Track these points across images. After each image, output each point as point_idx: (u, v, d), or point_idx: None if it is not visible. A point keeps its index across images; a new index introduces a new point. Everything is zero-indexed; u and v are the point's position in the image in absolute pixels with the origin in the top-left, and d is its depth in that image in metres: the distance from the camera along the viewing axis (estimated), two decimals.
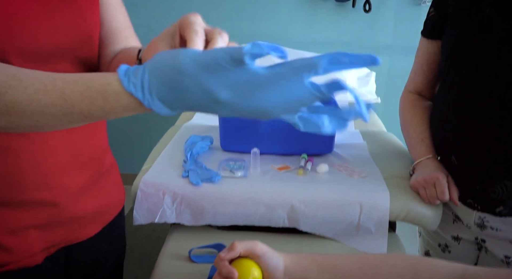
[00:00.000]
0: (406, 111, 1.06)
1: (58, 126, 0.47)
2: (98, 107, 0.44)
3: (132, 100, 0.44)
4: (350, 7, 2.06)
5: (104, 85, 0.44)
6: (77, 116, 0.45)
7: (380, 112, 1.95)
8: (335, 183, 0.96)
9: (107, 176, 0.81)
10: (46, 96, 0.44)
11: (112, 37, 0.74)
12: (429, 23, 0.99)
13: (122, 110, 0.45)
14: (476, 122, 0.87)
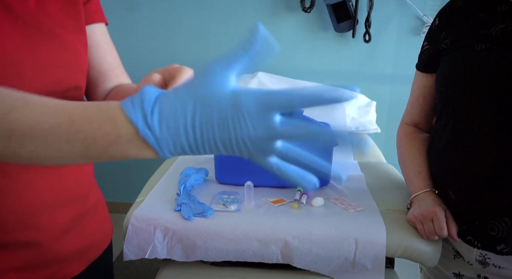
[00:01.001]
0: (403, 143, 1.04)
1: (54, 159, 0.43)
2: (104, 133, 0.40)
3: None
4: (350, 38, 2.08)
5: (116, 109, 0.40)
6: (78, 146, 0.41)
7: (381, 142, 1.94)
8: (330, 217, 0.93)
9: (93, 212, 0.79)
10: (52, 117, 0.41)
11: (103, 77, 0.75)
12: (423, 57, 0.99)
13: (126, 140, 0.40)
14: (473, 158, 0.85)
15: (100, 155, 0.42)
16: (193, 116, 0.38)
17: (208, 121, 0.38)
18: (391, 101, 2.18)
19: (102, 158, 0.42)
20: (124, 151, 0.41)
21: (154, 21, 2.17)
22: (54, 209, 0.68)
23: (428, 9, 2.02)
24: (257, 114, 0.38)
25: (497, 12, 0.86)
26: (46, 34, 0.64)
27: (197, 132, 0.39)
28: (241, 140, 0.39)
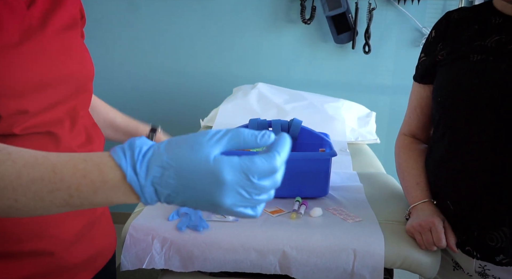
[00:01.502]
0: (401, 154, 1.05)
1: (32, 210, 0.43)
2: (89, 180, 0.42)
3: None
4: (349, 49, 2.09)
5: (103, 157, 0.42)
6: (61, 195, 0.42)
7: (381, 153, 1.94)
8: (329, 228, 0.93)
9: (100, 221, 0.80)
10: (35, 170, 0.42)
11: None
12: (420, 68, 1.00)
13: (112, 186, 0.42)
14: (471, 168, 0.85)
15: (82, 203, 0.43)
16: (174, 180, 0.41)
17: (186, 186, 0.41)
18: (391, 112, 2.19)
19: (84, 205, 0.43)
20: (108, 197, 0.43)
21: (155, 32, 2.19)
22: (67, 218, 0.69)
23: (427, 21, 2.03)
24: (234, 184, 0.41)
25: (491, 24, 0.87)
26: (58, 42, 0.67)
27: (176, 196, 0.42)
28: (216, 206, 0.42)
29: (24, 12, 0.63)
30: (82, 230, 0.73)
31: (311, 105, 1.82)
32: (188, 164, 0.41)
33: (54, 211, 0.44)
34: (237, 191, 0.41)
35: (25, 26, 0.62)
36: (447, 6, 2.02)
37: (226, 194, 0.41)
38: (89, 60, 0.75)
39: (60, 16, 0.69)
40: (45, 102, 0.64)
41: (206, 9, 2.14)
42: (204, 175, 0.41)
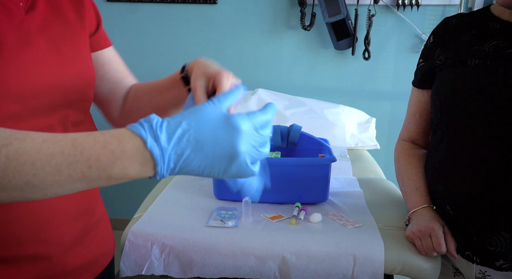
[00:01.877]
0: (401, 159, 1.05)
1: (49, 187, 0.44)
2: (108, 150, 0.43)
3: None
4: (349, 55, 2.10)
5: (121, 130, 0.45)
6: (80, 167, 0.43)
7: (381, 159, 1.93)
8: (328, 234, 0.93)
9: (98, 226, 0.80)
10: (55, 144, 0.43)
11: (118, 86, 0.82)
12: (419, 73, 1.01)
13: (130, 154, 0.44)
14: (469, 173, 0.85)
15: (100, 175, 0.44)
16: (194, 138, 0.45)
17: (205, 142, 0.45)
18: (391, 118, 2.19)
19: (101, 179, 0.44)
20: (126, 167, 0.44)
21: (156, 39, 2.20)
22: (65, 222, 0.69)
23: (426, 27, 2.04)
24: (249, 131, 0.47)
25: (489, 29, 0.87)
26: (57, 48, 0.66)
27: (195, 157, 0.45)
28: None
29: (22, 17, 0.63)
30: (80, 234, 0.73)
31: (311, 111, 1.82)
32: (206, 121, 0.46)
33: (69, 188, 0.45)
34: (250, 138, 0.47)
35: (22, 31, 0.62)
36: (446, 12, 2.03)
37: (242, 140, 0.46)
38: (89, 68, 0.74)
39: (60, 24, 0.69)
40: (37, 109, 0.64)
41: (207, 15, 2.15)
42: (222, 127, 0.46)
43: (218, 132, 0.45)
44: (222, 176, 0.48)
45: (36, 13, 0.65)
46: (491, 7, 0.92)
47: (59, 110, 0.68)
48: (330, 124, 1.77)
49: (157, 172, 0.45)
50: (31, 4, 0.65)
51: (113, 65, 0.83)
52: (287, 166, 1.05)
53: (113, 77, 0.82)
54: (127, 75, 0.85)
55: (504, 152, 0.81)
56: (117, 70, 0.83)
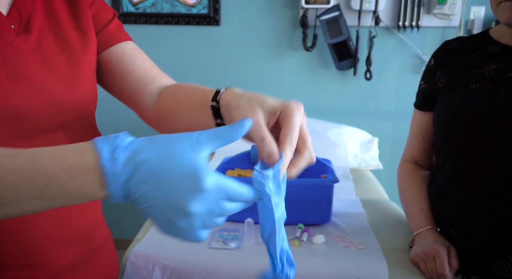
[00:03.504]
0: (404, 181, 1.05)
1: (5, 205, 0.42)
2: (66, 165, 0.41)
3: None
4: (351, 75, 2.12)
5: (86, 143, 0.42)
6: (38, 184, 0.41)
7: (384, 179, 1.93)
8: (331, 256, 0.92)
9: (99, 251, 0.76)
10: (14, 160, 0.41)
11: (140, 82, 0.74)
12: (420, 95, 1.01)
13: (86, 170, 0.41)
14: (473, 195, 0.85)
15: (58, 192, 0.42)
16: (149, 174, 0.41)
17: (160, 182, 0.41)
18: (393, 138, 2.19)
19: (59, 197, 0.42)
20: (83, 184, 0.41)
21: (161, 60, 2.23)
22: (59, 247, 0.66)
23: (426, 48, 2.06)
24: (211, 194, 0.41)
25: (489, 53, 0.89)
26: (53, 65, 0.64)
27: (146, 193, 0.41)
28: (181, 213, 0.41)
29: (12, 38, 0.60)
30: (76, 260, 0.69)
31: (313, 131, 1.83)
32: (169, 160, 0.41)
33: (28, 207, 0.43)
34: (210, 202, 0.41)
35: (10, 52, 0.59)
36: (446, 34, 2.06)
37: (198, 201, 0.40)
38: (87, 87, 0.69)
39: (57, 43, 0.66)
40: (26, 130, 0.61)
41: (211, 37, 2.18)
42: (184, 175, 0.40)
43: (179, 178, 0.40)
44: (169, 229, 0.43)
45: (30, 35, 0.62)
46: (490, 31, 0.93)
47: (51, 131, 0.64)
48: (333, 144, 1.77)
49: (110, 194, 0.41)
50: (25, 26, 0.62)
51: (128, 60, 0.74)
52: (289, 187, 1.03)
53: (131, 75, 0.74)
54: (155, 74, 0.76)
55: (508, 174, 0.81)
56: (135, 66, 0.74)
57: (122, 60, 0.73)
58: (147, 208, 0.42)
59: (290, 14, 2.12)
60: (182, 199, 0.40)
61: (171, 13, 2.15)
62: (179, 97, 0.68)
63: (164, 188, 0.41)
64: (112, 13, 0.76)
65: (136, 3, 2.15)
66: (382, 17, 2.02)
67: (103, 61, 0.74)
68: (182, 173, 0.40)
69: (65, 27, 0.68)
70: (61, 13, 0.68)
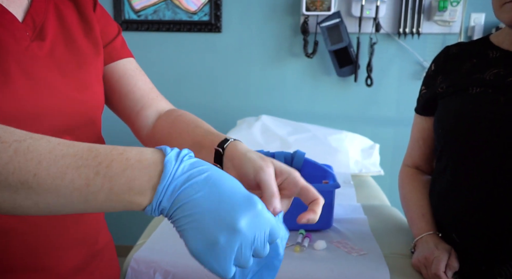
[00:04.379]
0: (405, 185, 1.05)
1: (44, 193, 0.40)
2: (124, 158, 0.41)
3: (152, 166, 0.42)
4: (352, 82, 2.13)
5: (143, 147, 0.43)
6: (85, 173, 0.40)
7: (386, 185, 1.93)
8: (333, 261, 0.92)
9: (101, 255, 0.77)
10: (70, 147, 0.41)
11: (139, 103, 0.76)
12: (421, 100, 1.02)
13: (145, 165, 0.41)
14: (475, 200, 0.85)
15: (102, 186, 0.41)
16: (207, 186, 0.42)
17: (216, 194, 0.42)
18: (394, 144, 2.19)
19: (100, 192, 0.41)
20: (134, 178, 0.41)
21: (162, 67, 2.24)
22: (63, 251, 0.67)
23: (427, 55, 2.07)
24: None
25: (489, 58, 0.89)
26: (62, 71, 0.66)
27: (199, 203, 0.42)
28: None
29: (27, 44, 0.62)
30: (80, 263, 0.70)
31: (315, 137, 1.83)
32: (229, 178, 0.43)
33: (63, 199, 0.41)
34: (255, 227, 0.42)
35: (26, 57, 0.61)
36: (446, 40, 2.07)
37: (248, 220, 0.41)
38: (95, 93, 0.71)
39: (68, 50, 0.68)
40: (37, 133, 0.62)
41: (212, 44, 2.20)
42: (241, 194, 0.42)
43: (236, 194, 0.42)
44: (204, 247, 0.41)
45: (43, 41, 0.65)
46: (491, 36, 0.94)
47: (60, 134, 0.65)
48: (334, 150, 1.77)
49: (156, 191, 0.41)
50: (39, 33, 0.65)
51: (129, 80, 0.76)
52: None
53: (130, 95, 0.76)
54: (153, 97, 0.77)
55: (508, 178, 0.81)
56: (136, 87, 0.76)
57: (123, 79, 0.76)
58: (191, 216, 0.41)
59: (291, 21, 2.13)
60: (234, 213, 0.41)
61: (172, 20, 2.16)
62: (178, 129, 0.69)
63: (218, 198, 0.41)
64: (117, 29, 0.79)
65: (138, 10, 2.17)
66: (382, 24, 2.03)
67: (105, 77, 0.76)
68: (240, 191, 0.42)
69: (76, 35, 0.70)
70: (72, 22, 0.71)
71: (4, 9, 0.61)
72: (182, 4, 2.14)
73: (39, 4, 0.66)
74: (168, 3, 2.15)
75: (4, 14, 0.61)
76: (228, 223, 0.41)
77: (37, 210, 0.42)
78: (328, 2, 1.97)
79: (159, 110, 0.76)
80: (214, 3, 2.12)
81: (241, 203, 0.41)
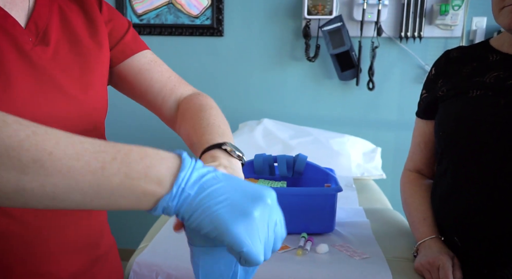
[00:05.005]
0: (407, 190, 1.05)
1: (58, 174, 0.39)
2: (142, 149, 0.43)
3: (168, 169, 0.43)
4: (354, 85, 2.13)
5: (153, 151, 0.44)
6: (102, 157, 0.40)
7: (388, 189, 1.92)
8: (335, 265, 0.92)
9: (104, 259, 0.76)
10: (88, 138, 0.42)
11: (160, 97, 0.76)
12: (422, 104, 1.02)
13: (161, 157, 0.43)
14: (476, 203, 0.85)
15: (118, 171, 0.40)
16: (224, 178, 0.46)
17: (232, 186, 0.46)
18: (396, 147, 2.19)
19: (115, 176, 0.41)
20: (152, 165, 0.42)
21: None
22: (64, 256, 0.66)
23: (429, 59, 2.07)
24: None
25: (489, 61, 0.89)
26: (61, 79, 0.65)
27: (214, 192, 0.44)
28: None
29: (29, 49, 0.62)
30: (82, 267, 0.70)
31: (316, 140, 1.83)
32: (240, 180, 0.47)
33: (74, 182, 0.40)
34: (266, 218, 0.46)
35: (27, 63, 0.61)
36: (448, 44, 2.07)
37: (260, 208, 0.44)
38: (98, 98, 0.70)
39: (72, 55, 0.67)
40: None
41: (214, 48, 2.20)
42: (251, 189, 0.46)
43: (246, 187, 0.46)
44: (240, 223, 0.43)
45: (47, 46, 0.64)
46: (490, 40, 0.94)
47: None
48: (336, 154, 1.77)
49: (177, 178, 0.42)
50: (42, 37, 0.64)
51: (145, 75, 0.76)
52: (293, 196, 1.05)
53: (150, 89, 0.76)
54: (171, 87, 0.77)
55: (509, 181, 0.81)
56: (153, 81, 0.76)
57: (139, 76, 0.76)
58: (223, 201, 0.43)
59: (292, 25, 2.14)
60: (260, 192, 0.46)
61: (175, 24, 2.17)
62: (184, 129, 0.70)
63: (240, 185, 0.45)
64: (127, 24, 0.78)
65: (140, 14, 2.18)
66: (384, 27, 2.04)
67: (122, 74, 0.76)
68: (249, 186, 0.47)
69: (81, 37, 0.70)
70: (76, 24, 0.70)
71: (6, 14, 0.61)
72: (184, 8, 2.15)
73: (42, 8, 0.66)
74: (170, 7, 2.16)
75: (6, 18, 0.61)
76: (258, 197, 0.45)
77: (41, 194, 0.40)
78: (330, 6, 1.97)
79: (177, 99, 0.76)
80: (216, 7, 2.13)
81: (260, 188, 0.46)
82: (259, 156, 1.17)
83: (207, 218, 0.43)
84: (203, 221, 0.43)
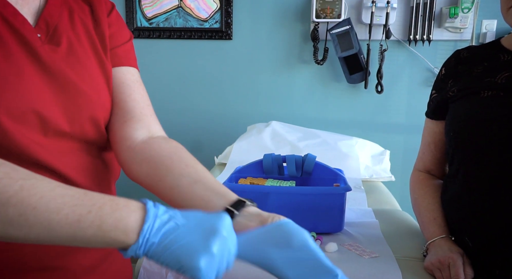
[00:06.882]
0: (416, 190, 1.04)
1: (40, 225, 0.46)
2: (114, 203, 0.49)
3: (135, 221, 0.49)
4: (362, 88, 2.13)
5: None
6: (79, 210, 0.47)
7: (397, 191, 1.92)
8: (344, 263, 0.91)
9: (114, 255, 0.78)
10: (68, 190, 0.48)
11: (129, 114, 0.72)
12: (432, 104, 1.02)
13: (132, 209, 0.50)
14: (487, 203, 0.84)
15: (92, 223, 0.47)
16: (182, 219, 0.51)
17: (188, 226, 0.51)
18: (405, 150, 2.18)
19: (90, 228, 0.47)
20: (122, 218, 0.48)
21: (173, 73, 2.27)
22: (78, 250, 0.67)
23: (438, 62, 2.07)
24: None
25: (500, 61, 0.89)
26: (70, 79, 0.66)
27: (173, 233, 0.50)
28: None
29: (37, 47, 0.63)
30: (94, 262, 0.71)
31: (325, 143, 1.83)
32: (197, 217, 0.52)
33: (54, 233, 0.46)
34: (222, 250, 0.51)
35: (34, 61, 0.62)
36: (457, 47, 2.05)
37: (218, 243, 0.49)
38: (101, 98, 0.70)
39: (80, 54, 0.68)
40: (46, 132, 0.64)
41: (223, 51, 2.22)
42: (208, 224, 0.51)
43: (201, 226, 0.51)
44: (199, 246, 0.49)
45: (56, 44, 0.66)
46: (501, 40, 0.94)
47: (68, 138, 0.66)
48: (344, 156, 1.77)
49: (142, 229, 0.48)
50: (52, 36, 0.65)
51: (126, 89, 0.74)
52: (302, 195, 1.05)
53: (122, 104, 0.73)
54: (146, 114, 0.73)
55: None
56: (130, 98, 0.73)
57: (119, 87, 0.73)
58: (185, 244, 0.48)
59: (301, 28, 2.15)
60: (216, 222, 0.52)
61: (184, 27, 2.19)
62: (174, 180, 0.66)
63: (197, 222, 0.51)
64: (128, 37, 0.79)
65: (150, 18, 2.21)
66: (393, 30, 2.04)
67: None
68: (205, 223, 0.52)
69: (89, 38, 0.71)
70: (86, 25, 0.72)
71: (16, 11, 0.62)
72: (193, 12, 2.18)
73: (53, 7, 0.67)
74: (180, 11, 2.18)
75: (16, 16, 0.62)
76: (214, 232, 0.50)
77: (26, 240, 0.47)
78: (338, 9, 1.98)
79: (151, 131, 0.72)
80: (225, 11, 2.15)
81: (216, 221, 0.52)
82: (268, 155, 1.18)
83: (173, 260, 0.49)
84: (170, 262, 0.49)
